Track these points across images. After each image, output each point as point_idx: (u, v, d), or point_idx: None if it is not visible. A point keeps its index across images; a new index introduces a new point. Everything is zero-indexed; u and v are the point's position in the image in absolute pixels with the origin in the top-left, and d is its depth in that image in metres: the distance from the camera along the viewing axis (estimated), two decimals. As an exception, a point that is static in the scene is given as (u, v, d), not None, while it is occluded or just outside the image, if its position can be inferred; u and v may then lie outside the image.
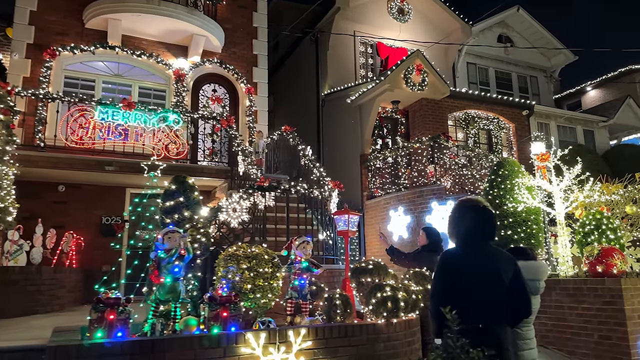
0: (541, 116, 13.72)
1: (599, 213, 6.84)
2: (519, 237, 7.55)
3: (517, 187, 7.67)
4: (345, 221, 5.69)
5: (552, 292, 6.72)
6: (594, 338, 6.13)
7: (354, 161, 12.21)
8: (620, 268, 6.04)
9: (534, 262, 3.59)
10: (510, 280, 3.02)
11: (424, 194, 9.86)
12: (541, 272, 3.57)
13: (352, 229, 5.77)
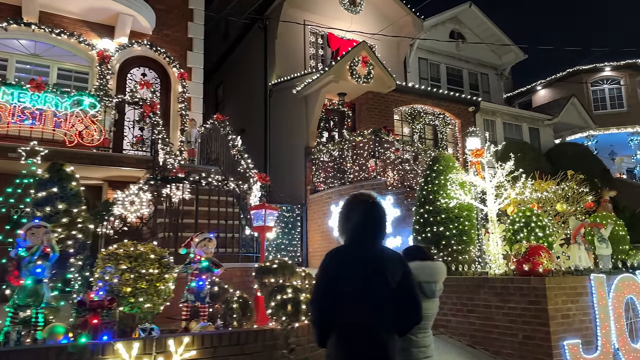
0: (487, 113, 13.76)
1: (529, 210, 6.74)
2: (450, 233, 7.38)
3: (450, 182, 7.49)
4: (262, 216, 5.30)
5: (481, 291, 6.58)
6: (519, 338, 6.02)
7: (299, 154, 11.84)
8: (547, 267, 5.94)
9: (430, 262, 3.30)
10: (398, 282, 2.72)
11: (364, 188, 9.58)
12: (438, 273, 3.29)
13: (269, 225, 5.39)
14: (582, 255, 6.55)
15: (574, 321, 5.86)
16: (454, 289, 7.01)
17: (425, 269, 3.25)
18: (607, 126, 19.99)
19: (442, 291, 3.36)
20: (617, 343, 6.07)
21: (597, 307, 6.02)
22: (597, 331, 5.96)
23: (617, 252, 7.23)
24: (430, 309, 3.27)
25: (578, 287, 6.02)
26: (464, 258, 7.33)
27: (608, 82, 20.49)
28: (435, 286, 3.24)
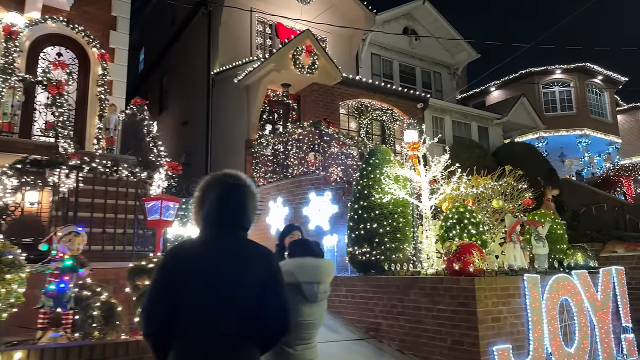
0: (436, 110, 13.52)
1: (463, 206, 6.36)
2: (384, 230, 6.92)
3: (384, 176, 7.04)
4: (158, 209, 4.64)
5: (411, 292, 6.14)
6: (447, 343, 5.60)
7: (240, 147, 11.18)
8: (478, 266, 5.54)
9: (312, 259, 2.77)
10: (262, 284, 2.16)
11: (302, 183, 9.06)
12: (321, 273, 2.76)
13: (166, 219, 4.73)
14: (517, 254, 6.21)
15: (505, 324, 5.49)
16: (384, 289, 6.56)
17: (306, 267, 2.72)
18: (557, 128, 20.29)
19: (328, 293, 2.83)
20: (550, 347, 5.75)
21: (530, 309, 5.68)
22: (530, 335, 5.61)
23: (554, 252, 6.97)
24: (311, 315, 2.73)
25: (510, 288, 5.66)
26: (398, 256, 6.89)
27: (558, 84, 20.81)
28: (317, 287, 2.70)
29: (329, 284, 2.83)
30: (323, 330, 6.93)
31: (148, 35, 19.49)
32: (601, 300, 6.51)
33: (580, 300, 6.28)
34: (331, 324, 6.99)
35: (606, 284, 6.67)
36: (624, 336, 6.65)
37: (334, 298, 7.57)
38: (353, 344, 6.30)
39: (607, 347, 6.37)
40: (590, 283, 6.46)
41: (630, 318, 7.16)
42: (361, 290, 6.98)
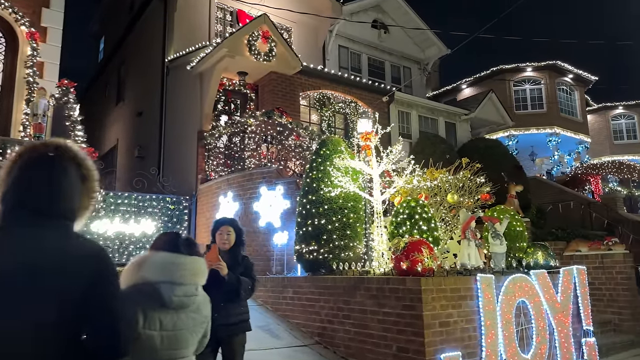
0: (402, 104, 13.07)
1: (414, 201, 5.86)
2: (333, 227, 6.39)
3: (334, 168, 6.50)
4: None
5: (357, 294, 5.61)
6: (393, 350, 5.09)
7: (192, 139, 10.50)
8: (428, 265, 5.04)
9: (167, 254, 2.17)
10: (84, 291, 1.56)
11: (253, 177, 8.46)
12: (180, 271, 2.16)
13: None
14: (471, 253, 5.74)
15: (454, 329, 5.01)
16: (330, 291, 6.03)
17: (156, 264, 2.12)
18: (527, 126, 20.15)
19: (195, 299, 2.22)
20: (505, 353, 5.29)
21: (483, 312, 5.21)
22: (482, 341, 5.14)
23: (513, 250, 6.54)
24: (174, 326, 2.13)
25: (462, 290, 5.18)
26: (348, 255, 6.36)
27: (530, 82, 20.69)
28: (174, 289, 2.11)
29: (197, 287, 2.24)
30: (264, 336, 6.36)
31: (108, 24, 18.56)
32: (561, 302, 6.10)
33: (538, 302, 5.85)
34: (274, 329, 6.42)
35: (567, 284, 6.27)
36: (584, 340, 6.26)
37: (280, 301, 7.01)
38: (295, 351, 5.74)
39: (567, 352, 5.96)
40: (549, 284, 6.04)
41: (591, 321, 6.79)
42: (308, 292, 6.43)
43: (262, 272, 7.82)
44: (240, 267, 3.82)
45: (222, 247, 3.83)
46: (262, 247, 7.99)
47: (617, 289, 7.48)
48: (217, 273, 3.54)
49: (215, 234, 3.94)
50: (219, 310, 3.58)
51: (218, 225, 3.98)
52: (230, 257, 3.79)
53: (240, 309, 3.80)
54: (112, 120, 17.09)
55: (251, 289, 3.80)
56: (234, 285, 3.59)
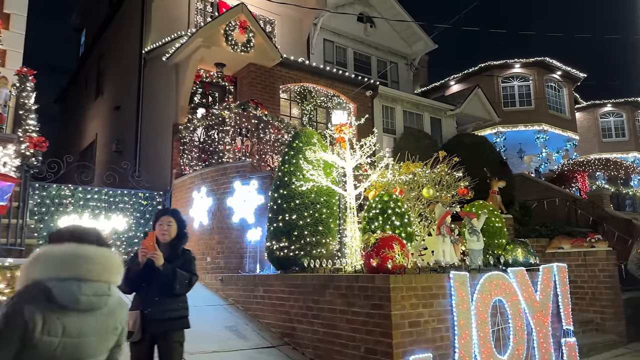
0: (387, 99, 12.80)
1: (387, 195, 5.60)
2: (304, 222, 6.11)
3: (306, 162, 6.22)
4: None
5: (326, 292, 5.35)
6: (361, 351, 4.83)
7: (167, 132, 10.16)
8: (399, 262, 4.78)
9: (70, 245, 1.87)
10: None
11: (227, 171, 8.15)
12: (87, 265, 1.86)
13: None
14: (446, 249, 5.50)
15: (425, 330, 4.75)
16: (300, 289, 5.75)
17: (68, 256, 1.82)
18: (515, 123, 19.99)
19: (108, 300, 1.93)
20: (480, 355, 5.04)
21: (456, 311, 4.96)
22: (455, 341, 4.89)
23: (492, 247, 6.30)
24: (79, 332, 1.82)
25: (434, 288, 4.93)
26: (320, 252, 6.09)
27: (518, 79, 20.52)
28: (80, 287, 1.81)
29: (109, 286, 1.94)
30: (230, 337, 6.07)
31: (88, 16, 18.11)
32: (540, 300, 5.87)
33: (516, 300, 5.61)
34: (242, 329, 6.13)
35: (546, 282, 6.04)
36: (564, 340, 6.03)
37: (251, 300, 6.73)
38: (260, 353, 5.46)
39: (546, 353, 5.73)
40: (528, 282, 5.80)
41: (572, 320, 6.57)
42: (278, 291, 6.16)
43: (235, 270, 7.53)
44: (180, 260, 3.64)
45: (162, 238, 3.64)
46: (235, 244, 7.69)
47: (599, 287, 7.28)
48: (152, 263, 3.41)
49: (155, 225, 3.73)
50: (153, 305, 3.49)
51: (159, 215, 3.79)
52: (170, 249, 3.62)
53: (177, 304, 3.60)
54: (92, 115, 16.68)
55: (188, 283, 3.59)
56: (169, 277, 3.44)
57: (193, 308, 6.71)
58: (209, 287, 7.82)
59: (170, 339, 3.54)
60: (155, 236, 3.53)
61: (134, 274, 3.48)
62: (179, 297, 3.61)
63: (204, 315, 6.43)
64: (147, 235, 3.53)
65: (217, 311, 6.67)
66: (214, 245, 8.01)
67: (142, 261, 3.46)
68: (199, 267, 8.28)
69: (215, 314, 6.52)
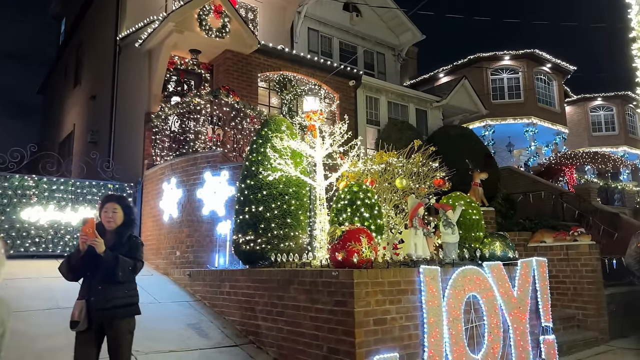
0: (371, 89, 12.45)
1: (357, 185, 5.28)
2: (271, 214, 5.78)
3: (274, 150, 5.89)
4: None
5: (290, 288, 5.04)
6: (323, 351, 4.53)
7: (140, 122, 9.78)
8: (366, 256, 4.48)
9: None
10: None
11: (197, 162, 7.80)
12: None
13: None
14: (418, 242, 5.19)
15: (392, 328, 4.46)
16: (266, 285, 5.45)
17: None
18: (504, 116, 19.75)
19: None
20: (451, 354, 4.77)
21: (426, 308, 4.67)
22: (425, 340, 4.61)
23: (468, 240, 6.02)
24: None
25: (402, 283, 4.63)
26: (288, 245, 5.77)
27: (507, 71, 20.25)
28: None
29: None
30: (191, 335, 5.74)
31: (68, 4, 17.59)
32: (518, 296, 5.61)
33: (492, 296, 5.34)
34: (206, 327, 5.82)
35: (525, 277, 5.77)
36: (543, 337, 5.77)
37: (218, 296, 6.42)
38: (220, 352, 5.16)
39: (523, 351, 5.47)
40: (505, 277, 5.53)
41: (552, 317, 6.32)
42: (244, 287, 5.85)
43: (205, 265, 7.21)
44: (125, 247, 3.57)
45: (107, 225, 3.59)
46: (205, 237, 7.36)
47: (581, 282, 7.03)
48: (93, 250, 3.34)
49: (100, 212, 3.65)
50: (96, 294, 3.42)
51: (104, 202, 3.70)
52: (115, 237, 3.58)
53: (123, 292, 3.52)
54: (70, 105, 16.23)
55: (132, 270, 3.53)
56: (110, 264, 3.38)
57: (156, 304, 6.45)
58: (177, 282, 7.49)
59: (117, 328, 3.47)
60: (95, 223, 3.40)
61: (76, 262, 3.45)
62: (125, 285, 3.53)
63: (167, 312, 6.12)
64: (87, 222, 3.38)
65: (182, 308, 6.35)
66: (184, 239, 7.68)
67: (83, 248, 3.37)
68: (168, 261, 7.96)
69: (179, 311, 6.20)
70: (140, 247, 3.68)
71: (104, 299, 3.40)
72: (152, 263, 8.50)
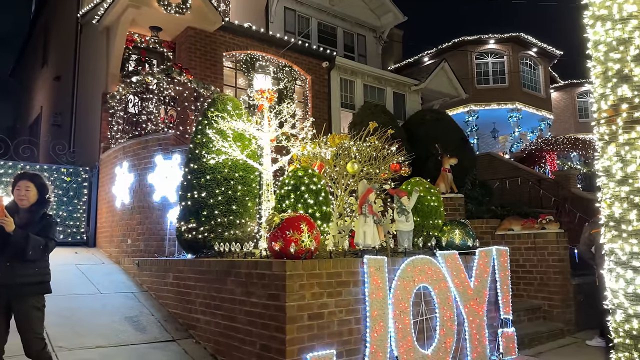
0: (345, 71, 12.01)
1: (302, 170, 4.91)
2: (215, 200, 5.41)
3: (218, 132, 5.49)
4: None
5: (228, 280, 4.69)
6: (257, 348, 4.20)
7: (98, 103, 9.31)
8: (306, 245, 4.13)
9: None
10: None
11: (148, 145, 7.38)
12: None
13: None
14: (367, 230, 4.84)
15: (330, 322, 4.14)
16: (206, 276, 5.10)
17: None
18: (488, 101, 19.40)
19: None
20: (397, 349, 4.47)
21: (370, 301, 4.35)
22: (367, 335, 4.29)
23: (426, 228, 5.70)
24: None
25: (343, 274, 4.30)
26: (234, 234, 5.42)
27: (492, 55, 19.84)
28: None
29: None
30: (126, 329, 5.31)
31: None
32: (475, 287, 5.30)
33: (445, 287, 5.03)
34: (145, 320, 5.48)
35: (483, 267, 5.47)
36: (501, 330, 5.49)
37: (162, 287, 6.08)
38: (154, 348, 4.81)
39: (479, 345, 5.19)
40: (461, 267, 5.22)
41: (515, 308, 6.04)
42: (186, 278, 5.50)
43: (152, 255, 6.84)
44: (38, 225, 3.57)
45: (20, 204, 3.58)
46: (155, 225, 6.99)
47: (548, 272, 6.75)
48: (1, 229, 3.31)
49: (13, 190, 3.64)
50: (5, 271, 3.43)
51: (16, 180, 3.66)
52: (28, 215, 3.57)
53: (33, 270, 3.53)
54: (39, 86, 15.66)
55: (43, 248, 3.52)
56: (20, 243, 3.38)
57: (96, 296, 6.08)
58: (127, 272, 7.13)
59: (25, 303, 3.47)
60: (2, 202, 3.32)
61: None
62: (37, 263, 3.55)
63: (106, 304, 5.76)
64: None
65: (124, 299, 5.99)
66: (135, 226, 7.30)
67: None
68: (120, 250, 7.59)
69: (121, 303, 5.84)
70: (53, 225, 3.68)
71: (12, 275, 3.41)
72: (105, 251, 8.13)
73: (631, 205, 3.23)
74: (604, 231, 3.66)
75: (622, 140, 3.38)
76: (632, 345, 3.24)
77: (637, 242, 3.22)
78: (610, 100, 3.49)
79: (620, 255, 3.39)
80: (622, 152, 3.35)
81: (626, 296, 3.36)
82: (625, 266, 3.35)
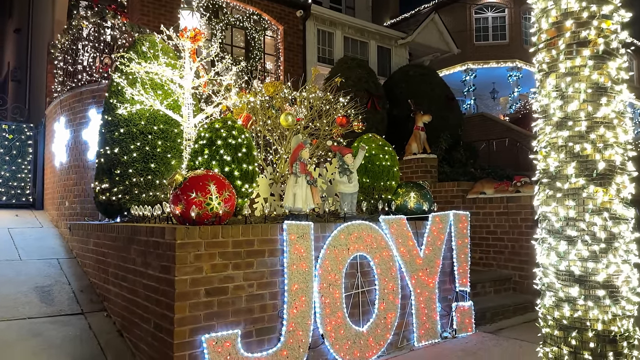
0: (323, 22, 11.02)
1: (220, 122, 4.19)
2: (129, 157, 4.73)
3: (134, 79, 4.75)
4: None
5: (132, 249, 4.07)
6: (152, 327, 3.62)
7: (44, 54, 8.55)
8: (213, 209, 3.47)
9: None
10: None
11: (83, 97, 6.67)
12: None
13: None
14: (298, 192, 4.16)
15: (237, 299, 3.53)
16: (115, 243, 4.48)
17: None
18: (487, 59, 18.24)
19: None
20: (323, 327, 3.88)
21: (288, 272, 3.72)
22: (284, 312, 3.69)
23: (377, 190, 5.00)
24: None
25: (256, 243, 3.65)
26: (153, 196, 4.77)
27: (492, 9, 18.51)
28: None
29: None
30: (30, 300, 4.55)
31: None
32: (425, 256, 4.66)
33: (388, 257, 4.39)
34: (58, 290, 4.92)
35: (437, 234, 4.81)
36: (456, 304, 4.88)
37: (85, 253, 5.50)
38: (53, 322, 4.26)
39: (427, 321, 4.60)
40: (409, 233, 4.56)
41: (475, 279, 5.42)
42: (102, 244, 4.90)
43: (82, 218, 6.26)
44: None
45: None
46: (91, 185, 6.34)
47: (520, 239, 6.09)
48: None
49: None
50: None
51: None
52: None
53: None
54: (7, 42, 14.81)
55: None
56: None
57: (14, 262, 5.51)
58: (63, 236, 6.58)
59: None
60: None
61: None
62: None
63: (22, 271, 5.21)
64: None
65: (45, 267, 5.44)
66: (71, 187, 6.68)
67: None
68: (59, 212, 7.02)
69: (39, 271, 5.29)
70: None
71: None
72: (50, 214, 7.57)
73: (570, 155, 2.50)
74: (537, 190, 2.97)
75: (563, 69, 2.61)
76: (562, 338, 2.58)
77: (575, 204, 2.51)
78: (552, 17, 2.69)
79: (553, 222, 2.70)
80: (562, 85, 2.59)
81: (557, 275, 2.69)
82: (558, 236, 2.66)
